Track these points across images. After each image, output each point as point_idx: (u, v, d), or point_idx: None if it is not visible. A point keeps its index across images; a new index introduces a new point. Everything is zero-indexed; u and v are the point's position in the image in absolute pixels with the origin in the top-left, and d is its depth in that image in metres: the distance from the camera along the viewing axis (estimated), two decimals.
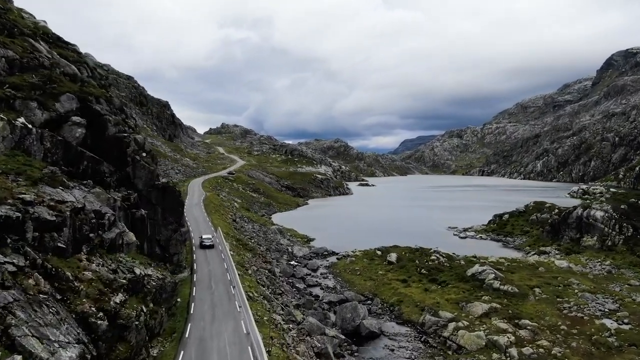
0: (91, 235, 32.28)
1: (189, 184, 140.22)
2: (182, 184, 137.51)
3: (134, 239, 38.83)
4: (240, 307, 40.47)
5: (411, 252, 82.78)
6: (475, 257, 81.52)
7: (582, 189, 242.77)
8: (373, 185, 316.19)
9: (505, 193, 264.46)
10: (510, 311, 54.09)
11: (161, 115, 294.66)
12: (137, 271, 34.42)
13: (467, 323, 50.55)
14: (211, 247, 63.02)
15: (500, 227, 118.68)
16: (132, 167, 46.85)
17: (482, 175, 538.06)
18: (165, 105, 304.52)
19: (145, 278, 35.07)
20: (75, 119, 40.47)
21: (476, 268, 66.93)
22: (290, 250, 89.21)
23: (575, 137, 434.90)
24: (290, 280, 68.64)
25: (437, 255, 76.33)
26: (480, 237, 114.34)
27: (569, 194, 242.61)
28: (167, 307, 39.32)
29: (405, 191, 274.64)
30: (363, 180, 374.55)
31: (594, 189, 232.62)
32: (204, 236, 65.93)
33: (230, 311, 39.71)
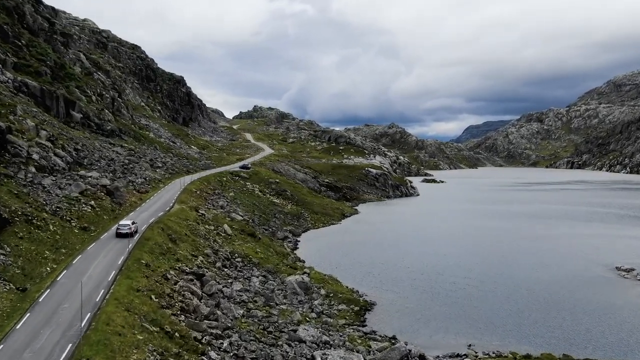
0: None
1: (167, 186, 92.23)
2: (155, 186, 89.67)
3: None
4: None
5: None
6: None
7: None
8: (441, 182, 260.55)
9: (633, 194, 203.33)
10: None
11: (173, 93, 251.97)
12: None
13: None
14: (129, 235, 50.00)
15: None
16: None
17: (571, 167, 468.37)
18: (179, 82, 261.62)
19: None
20: None
21: None
22: None
23: None
24: None
25: None
26: None
27: None
28: None
29: (489, 191, 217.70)
30: (427, 174, 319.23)
31: None
32: (121, 222, 53.45)
33: None
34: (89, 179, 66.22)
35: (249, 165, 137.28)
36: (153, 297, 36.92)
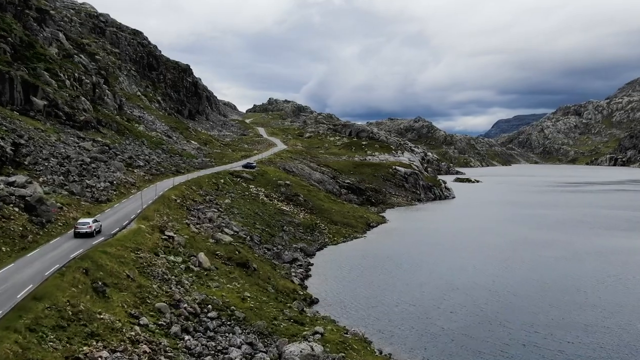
0: None
1: (141, 191, 72.33)
2: (125, 192, 69.99)
3: None
4: None
5: None
6: None
7: None
8: (477, 181, 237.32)
9: None
10: None
11: (178, 83, 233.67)
12: None
13: None
14: (89, 235, 44.37)
15: None
16: None
17: (614, 164, 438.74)
18: (185, 71, 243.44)
19: None
20: None
21: None
22: None
23: None
24: None
25: None
26: None
27: None
28: None
29: (536, 192, 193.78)
30: (458, 172, 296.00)
31: None
32: (80, 220, 46.70)
33: None
34: (2, 186, 46.32)
35: (254, 164, 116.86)
36: None
